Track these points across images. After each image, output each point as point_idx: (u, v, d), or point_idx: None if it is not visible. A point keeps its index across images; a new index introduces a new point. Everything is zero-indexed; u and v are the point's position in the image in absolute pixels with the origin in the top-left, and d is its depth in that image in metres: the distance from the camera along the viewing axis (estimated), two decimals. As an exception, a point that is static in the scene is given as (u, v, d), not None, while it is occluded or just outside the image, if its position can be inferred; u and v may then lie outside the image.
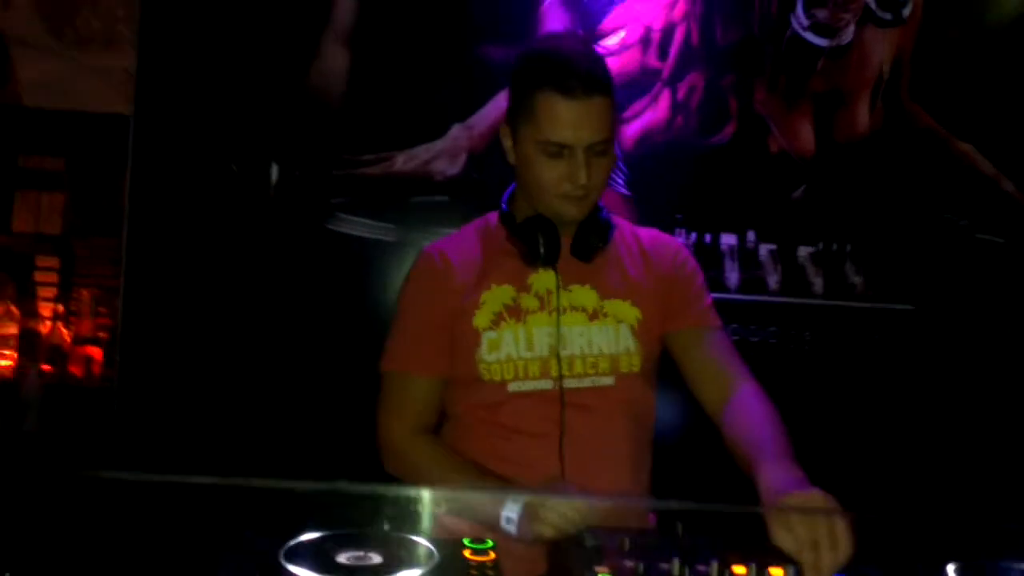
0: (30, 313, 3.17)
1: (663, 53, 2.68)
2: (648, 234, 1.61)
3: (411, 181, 2.61)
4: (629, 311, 1.51)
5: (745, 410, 1.41)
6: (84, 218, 3.25)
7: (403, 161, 2.61)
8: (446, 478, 1.42)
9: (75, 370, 3.13)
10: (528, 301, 1.49)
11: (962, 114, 2.73)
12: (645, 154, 2.67)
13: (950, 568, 1.10)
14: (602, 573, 1.01)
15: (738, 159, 2.69)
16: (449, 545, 1.08)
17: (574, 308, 1.50)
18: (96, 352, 3.16)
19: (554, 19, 2.65)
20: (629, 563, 1.04)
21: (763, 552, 1.09)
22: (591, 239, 1.50)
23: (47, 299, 3.26)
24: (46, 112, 3.13)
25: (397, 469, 1.48)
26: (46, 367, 3.09)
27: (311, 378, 2.54)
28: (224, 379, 2.55)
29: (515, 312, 1.48)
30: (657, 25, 2.68)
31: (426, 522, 1.15)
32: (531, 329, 1.48)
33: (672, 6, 2.68)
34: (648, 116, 2.67)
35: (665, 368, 1.56)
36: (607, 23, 2.66)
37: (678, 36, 2.68)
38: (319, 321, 2.58)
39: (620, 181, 2.67)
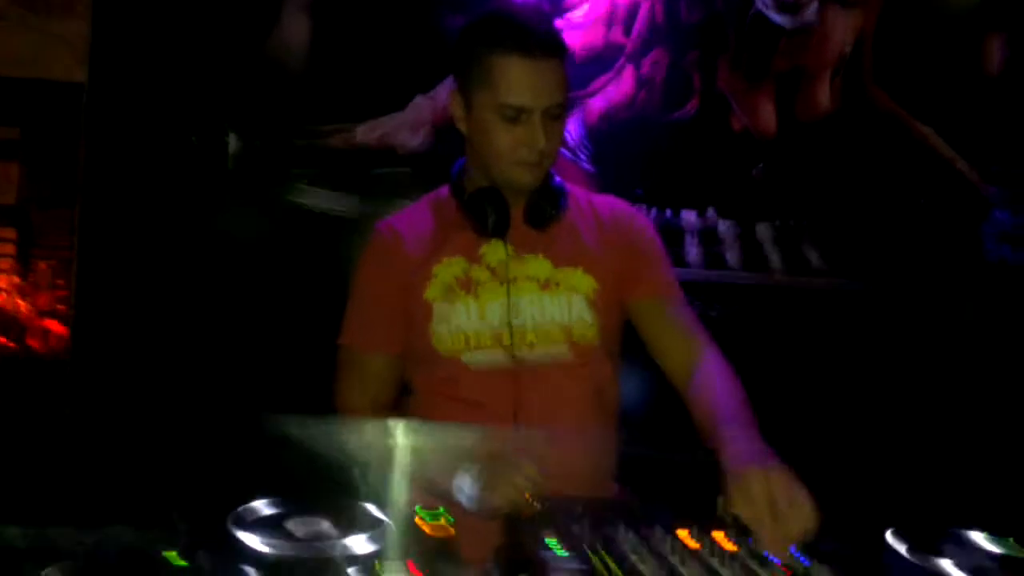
0: (-15, 285, 3.10)
1: (628, 28, 2.67)
2: (604, 201, 1.60)
3: (373, 152, 2.59)
4: (583, 280, 1.50)
5: (710, 380, 1.42)
6: (41, 189, 3.19)
7: (364, 132, 2.58)
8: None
9: (33, 343, 3.08)
10: (479, 273, 1.49)
11: (922, 96, 2.76)
12: (608, 129, 2.67)
13: (888, 533, 1.13)
14: (550, 539, 1.02)
15: (700, 136, 2.70)
16: (404, 514, 1.09)
17: (526, 278, 1.49)
18: (54, 324, 3.11)
19: (514, -8, 2.63)
20: (577, 529, 1.05)
21: (711, 519, 1.11)
22: (544, 207, 1.49)
23: (3, 271, 3.20)
24: (0, 80, 3.05)
25: (352, 448, 1.48)
26: (3, 339, 3.04)
27: (269, 350, 2.52)
28: (181, 351, 2.52)
29: (466, 284, 1.48)
30: (622, 0, 2.67)
31: (380, 495, 1.15)
32: (483, 300, 1.47)
33: (637, -19, 2.67)
34: (611, 91, 2.67)
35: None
36: (572, -3, 2.65)
37: (643, 12, 2.67)
38: (278, 293, 2.56)
39: (583, 156, 2.67)
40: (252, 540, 0.96)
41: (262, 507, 1.06)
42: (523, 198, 1.48)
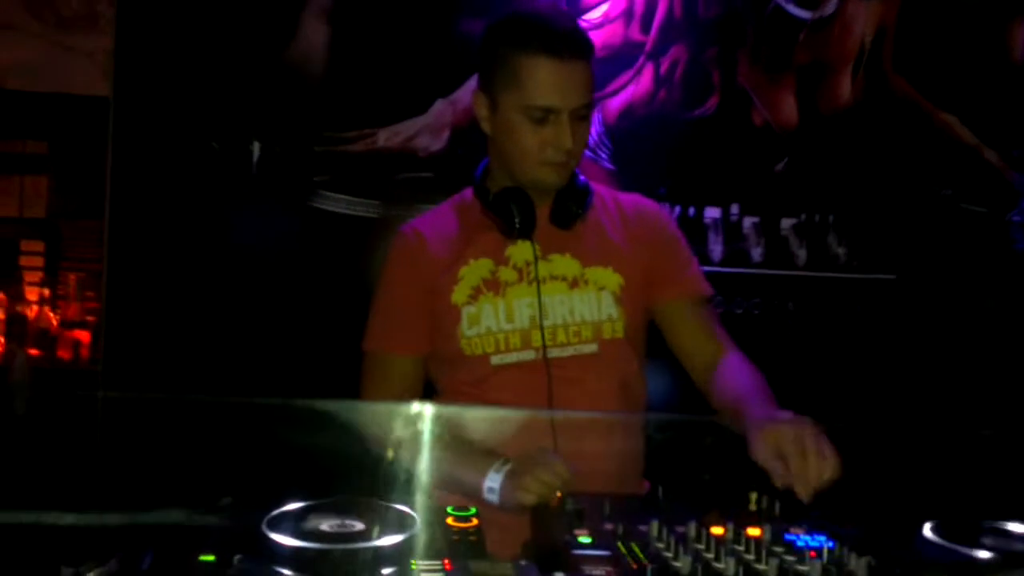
0: (16, 297, 3.16)
1: (646, 26, 2.67)
2: (629, 199, 1.60)
3: (394, 157, 2.60)
4: (611, 277, 1.50)
5: (734, 375, 1.44)
6: (69, 201, 3.24)
7: (386, 137, 2.60)
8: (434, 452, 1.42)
9: (63, 353, 3.13)
10: (506, 274, 1.49)
11: (944, 85, 2.73)
12: (628, 128, 2.66)
13: (927, 526, 1.12)
14: (581, 536, 1.02)
15: (721, 132, 2.69)
16: (433, 512, 1.09)
17: (554, 277, 1.49)
18: (83, 335, 3.16)
19: (533, -7, 2.64)
20: (608, 526, 1.05)
21: (743, 515, 1.11)
22: (570, 206, 1.49)
23: (33, 283, 3.26)
24: (27, 95, 3.11)
25: (379, 446, 1.47)
26: (33, 351, 3.09)
27: (296, 356, 2.54)
28: (209, 359, 2.55)
29: (493, 285, 1.48)
30: (640, -1, 2.67)
31: (411, 493, 1.16)
32: (510, 301, 1.47)
33: (654, -20, 2.67)
34: (631, 90, 2.67)
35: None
36: (590, -4, 2.65)
37: (661, 9, 2.67)
38: (303, 299, 2.58)
39: (603, 155, 2.67)
40: (286, 541, 0.97)
41: (296, 508, 1.07)
42: (548, 198, 1.49)
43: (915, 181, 2.72)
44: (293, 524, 1.02)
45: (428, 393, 1.56)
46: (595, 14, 2.65)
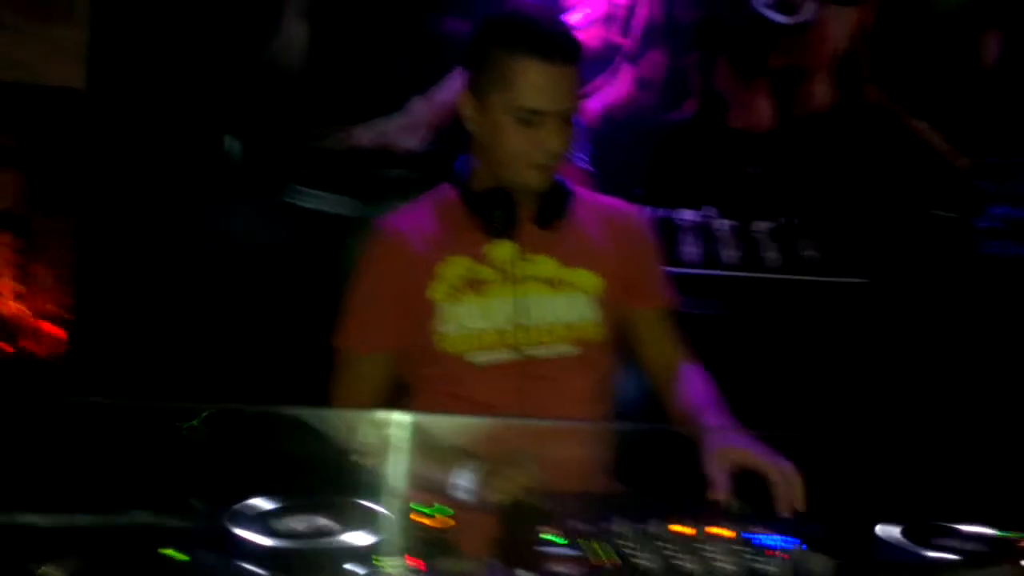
0: (-15, 291, 3.11)
1: (625, 29, 2.68)
2: (610, 203, 1.61)
3: (371, 154, 2.59)
4: (591, 280, 1.51)
5: (691, 384, 1.50)
6: (40, 194, 3.20)
7: (362, 133, 2.59)
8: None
9: (33, 347, 3.09)
10: (485, 272, 1.48)
11: (917, 92, 2.77)
12: (606, 130, 2.67)
13: (889, 528, 1.13)
14: (550, 534, 1.02)
15: (698, 135, 2.70)
16: (401, 510, 1.09)
17: (534, 278, 1.49)
18: (55, 329, 3.12)
19: (516, -6, 2.64)
20: (575, 524, 1.05)
21: (709, 515, 1.12)
22: (552, 207, 1.49)
23: (3, 277, 3.21)
24: (-2, 85, 3.06)
25: (349, 445, 1.45)
26: (4, 345, 3.04)
27: (270, 352, 2.52)
28: (182, 354, 2.53)
29: (472, 284, 1.47)
30: (621, 1, 2.68)
31: (379, 492, 1.16)
32: (489, 300, 1.47)
33: (634, -18, 2.68)
34: (609, 92, 2.68)
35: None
36: (570, -2, 2.66)
37: (641, 13, 2.68)
38: (278, 295, 2.57)
39: (581, 156, 2.67)
40: (251, 536, 0.97)
41: (261, 504, 1.07)
42: (530, 198, 1.48)
43: (886, 186, 2.75)
44: (257, 520, 1.01)
45: (401, 391, 1.56)
46: (576, 16, 2.66)
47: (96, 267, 2.58)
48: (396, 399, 1.55)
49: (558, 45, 1.39)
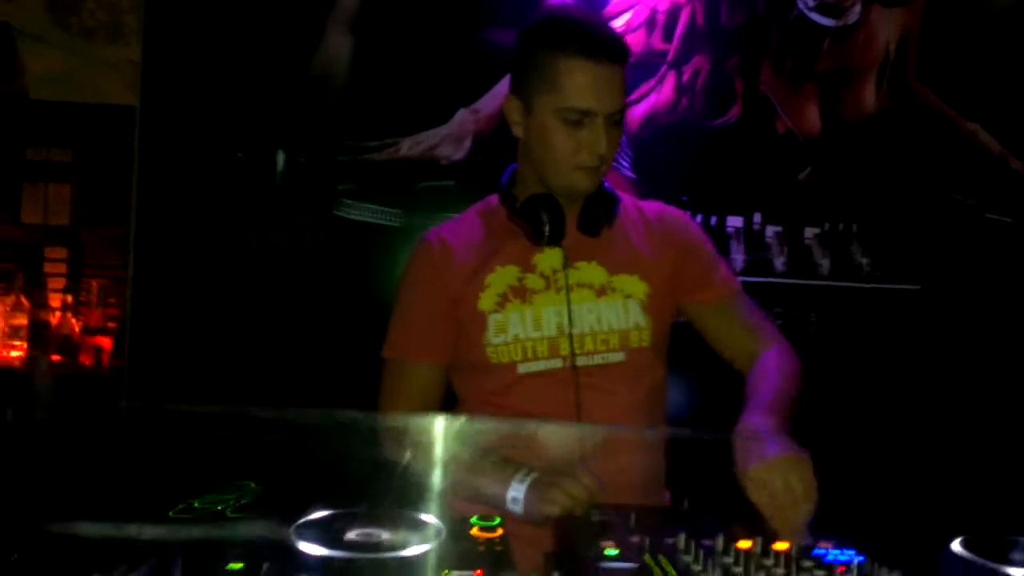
0: (40, 304, 3.19)
1: (668, 35, 2.67)
2: (652, 207, 1.60)
3: (417, 166, 2.61)
4: (638, 285, 1.50)
5: (759, 372, 1.44)
6: (92, 209, 3.27)
7: (409, 146, 2.61)
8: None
9: (85, 359, 3.16)
10: (533, 281, 1.48)
11: (968, 93, 2.71)
12: (650, 136, 2.66)
13: (955, 543, 1.10)
14: (608, 548, 1.01)
15: (744, 141, 2.68)
16: (457, 522, 1.09)
17: (581, 285, 1.48)
18: (105, 342, 3.18)
19: (560, 2, 2.64)
20: (635, 538, 1.04)
21: (771, 529, 1.10)
22: (598, 213, 1.48)
23: (56, 290, 3.28)
24: (53, 104, 3.14)
25: (398, 456, 1.46)
26: (56, 357, 3.11)
27: (319, 364, 2.55)
28: (232, 366, 2.56)
29: (520, 293, 1.47)
30: (662, 7, 2.67)
31: (434, 503, 1.16)
32: (538, 309, 1.46)
33: (676, -12, 2.67)
34: (653, 98, 2.67)
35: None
36: (613, 5, 2.65)
37: (683, 18, 2.67)
38: (326, 307, 2.59)
39: (625, 164, 2.66)
40: (313, 549, 0.97)
41: (322, 517, 1.07)
42: (576, 205, 1.48)
43: (939, 190, 2.70)
44: (321, 533, 1.02)
45: (450, 403, 1.56)
46: (618, 23, 2.65)
47: (149, 280, 2.63)
48: (446, 411, 1.55)
49: (604, 45, 1.39)
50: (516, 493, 1.27)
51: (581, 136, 1.40)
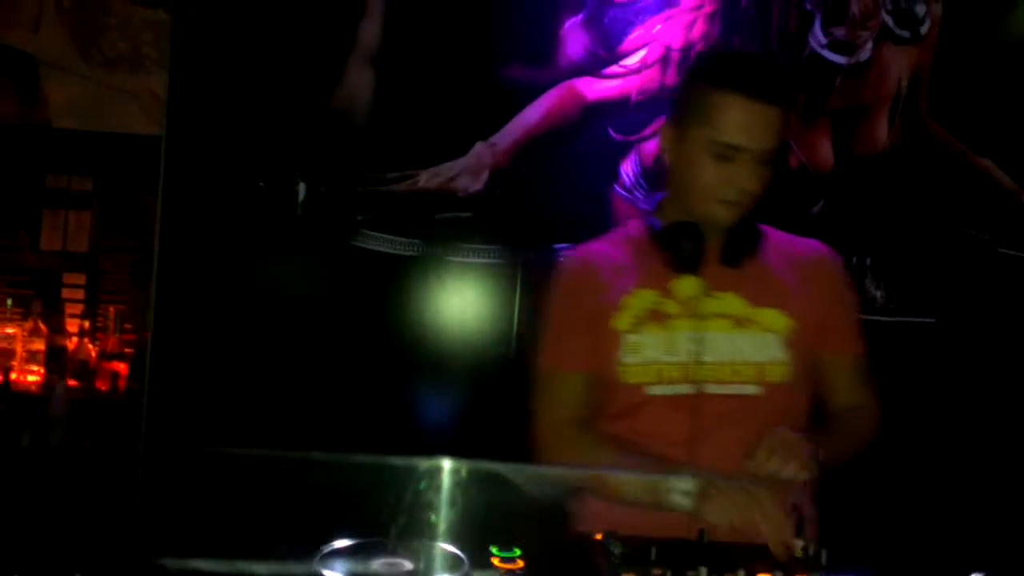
0: (57, 329, 3.22)
1: (682, 72, 2.70)
2: (806, 244, 1.60)
3: (435, 197, 2.64)
4: (780, 320, 1.48)
5: (843, 416, 1.52)
6: (110, 236, 3.31)
7: (427, 178, 2.64)
8: (607, 460, 1.41)
9: (101, 385, 3.17)
10: (671, 306, 1.48)
11: (980, 129, 2.74)
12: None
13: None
14: (630, 579, 1.02)
15: (758, 175, 2.70)
16: (477, 553, 1.10)
17: (719, 315, 1.47)
18: (122, 367, 3.20)
19: (576, 39, 2.68)
20: (657, 571, 1.05)
21: (790, 563, 1.11)
22: (740, 245, 1.48)
23: (74, 315, 3.31)
24: (74, 133, 3.19)
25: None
26: (72, 382, 3.13)
27: (338, 392, 2.56)
28: (252, 395, 2.58)
29: (657, 316, 1.47)
30: (677, 45, 2.70)
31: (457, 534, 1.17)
32: (672, 334, 1.46)
33: (691, 26, 2.71)
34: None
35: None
36: (627, 43, 2.69)
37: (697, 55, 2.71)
38: (345, 336, 2.61)
39: (639, 196, 2.69)
40: (339, 579, 0.98)
41: (348, 546, 1.09)
42: (718, 235, 1.48)
43: (953, 225, 2.72)
44: (346, 562, 1.03)
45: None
46: (633, 60, 2.69)
47: (171, 307, 2.65)
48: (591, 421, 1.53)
49: (762, 82, 1.39)
50: (685, 485, 1.27)
51: (727, 170, 1.41)
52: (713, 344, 1.45)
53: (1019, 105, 2.75)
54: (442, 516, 1.24)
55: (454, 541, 1.14)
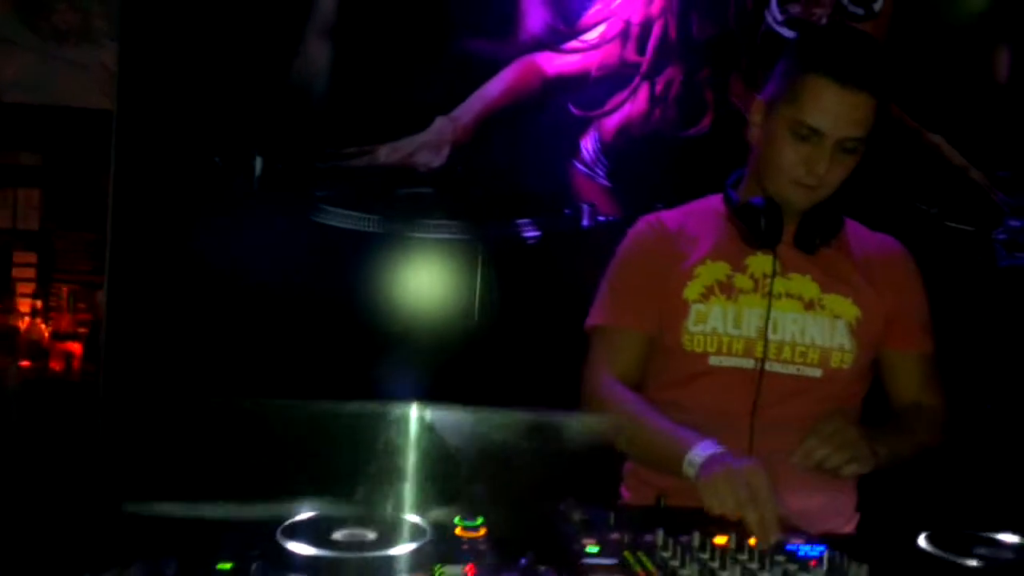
0: (8, 309, 3.15)
1: (641, 47, 2.71)
2: (880, 239, 1.61)
3: (395, 173, 2.63)
4: (850, 308, 1.49)
5: (908, 411, 1.52)
6: (62, 213, 3.24)
7: (387, 153, 2.63)
8: (645, 421, 1.39)
9: (55, 365, 3.12)
10: (742, 281, 1.49)
11: (932, 107, 2.79)
12: (625, 145, 2.71)
13: (922, 536, 1.15)
14: (589, 546, 1.05)
15: (715, 150, 2.73)
16: (440, 523, 1.11)
17: (790, 295, 1.48)
18: (75, 347, 3.15)
19: (535, 13, 2.67)
20: (615, 535, 1.08)
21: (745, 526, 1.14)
22: (816, 230, 1.49)
23: (25, 295, 3.25)
24: (22, 107, 3.11)
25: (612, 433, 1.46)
26: (25, 363, 3.08)
27: (296, 368, 2.55)
28: (209, 371, 2.56)
29: (727, 289, 1.48)
30: (636, 20, 2.71)
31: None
32: (741, 308, 1.47)
33: (650, 2, 2.72)
34: (628, 108, 2.71)
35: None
36: (587, 18, 2.69)
37: (656, 31, 2.72)
38: (303, 313, 2.60)
39: (600, 172, 2.71)
40: (301, 549, 0.99)
41: (310, 518, 1.09)
42: (797, 217, 1.48)
43: (903, 200, 2.78)
44: (308, 533, 1.04)
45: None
46: (592, 35, 2.70)
47: (125, 285, 2.61)
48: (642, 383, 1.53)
49: (853, 68, 1.36)
50: (696, 457, 1.26)
51: (805, 152, 1.40)
52: (781, 323, 1.46)
53: (968, 84, 2.81)
54: (407, 478, 1.25)
55: (417, 510, 1.15)
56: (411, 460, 1.29)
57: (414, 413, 1.34)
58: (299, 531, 1.04)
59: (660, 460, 1.35)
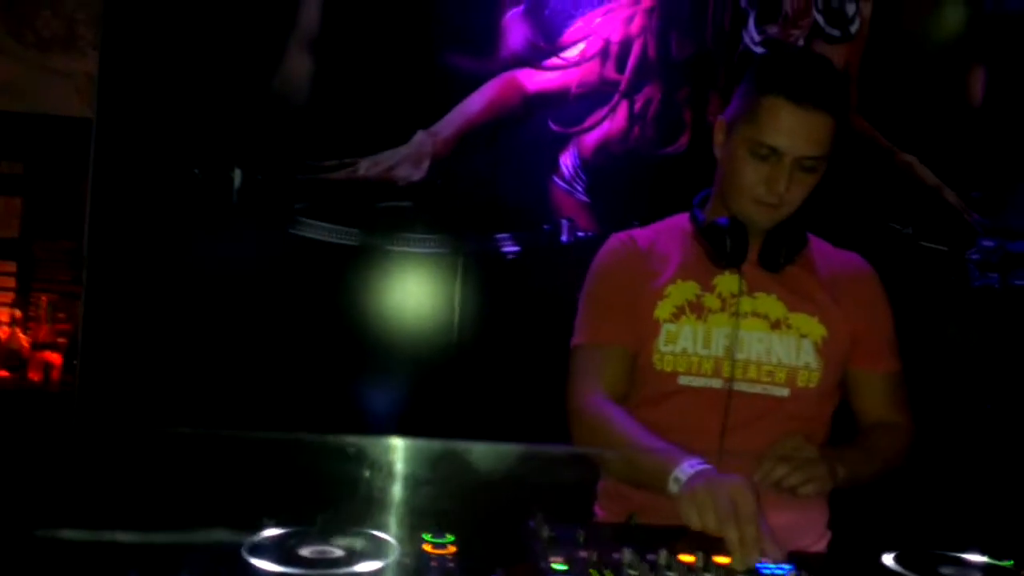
0: (-14, 318, 3.13)
1: (621, 66, 2.73)
2: (845, 257, 1.62)
3: (374, 186, 2.63)
4: (815, 327, 1.51)
5: (872, 429, 1.53)
6: (43, 222, 3.23)
7: (367, 167, 2.63)
8: (631, 438, 1.38)
9: (33, 375, 3.10)
10: (711, 301, 1.50)
11: (905, 127, 2.83)
12: (603, 162, 2.72)
13: (888, 556, 1.16)
14: (556, 563, 1.05)
15: (692, 168, 2.75)
16: (408, 540, 1.12)
17: (756, 314, 1.50)
18: (55, 357, 3.13)
19: (516, 30, 2.69)
20: (583, 553, 1.08)
21: (713, 543, 1.15)
22: (780, 249, 1.50)
23: (4, 304, 3.22)
24: (5, 115, 3.10)
25: (583, 435, 1.47)
26: (4, 372, 3.05)
27: (275, 382, 2.54)
28: (186, 383, 2.54)
29: (696, 309, 1.49)
30: (615, 39, 2.74)
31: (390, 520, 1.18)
32: (710, 328, 1.48)
33: (630, 21, 2.74)
34: (607, 126, 2.73)
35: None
36: (567, 36, 2.72)
37: (635, 49, 2.74)
38: (282, 325, 2.59)
39: (579, 188, 2.72)
40: (267, 566, 0.99)
41: (276, 535, 1.09)
42: (762, 237, 1.50)
43: (877, 219, 2.81)
44: (274, 550, 1.04)
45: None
46: (572, 53, 2.72)
47: (102, 295, 2.60)
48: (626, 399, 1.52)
49: (809, 88, 1.39)
50: (682, 474, 1.24)
51: (765, 171, 1.43)
52: (747, 343, 1.48)
53: (942, 104, 2.85)
54: (375, 501, 1.25)
55: (385, 527, 1.15)
56: (382, 491, 1.29)
57: (383, 446, 1.34)
58: (265, 549, 1.04)
59: (645, 477, 1.35)
